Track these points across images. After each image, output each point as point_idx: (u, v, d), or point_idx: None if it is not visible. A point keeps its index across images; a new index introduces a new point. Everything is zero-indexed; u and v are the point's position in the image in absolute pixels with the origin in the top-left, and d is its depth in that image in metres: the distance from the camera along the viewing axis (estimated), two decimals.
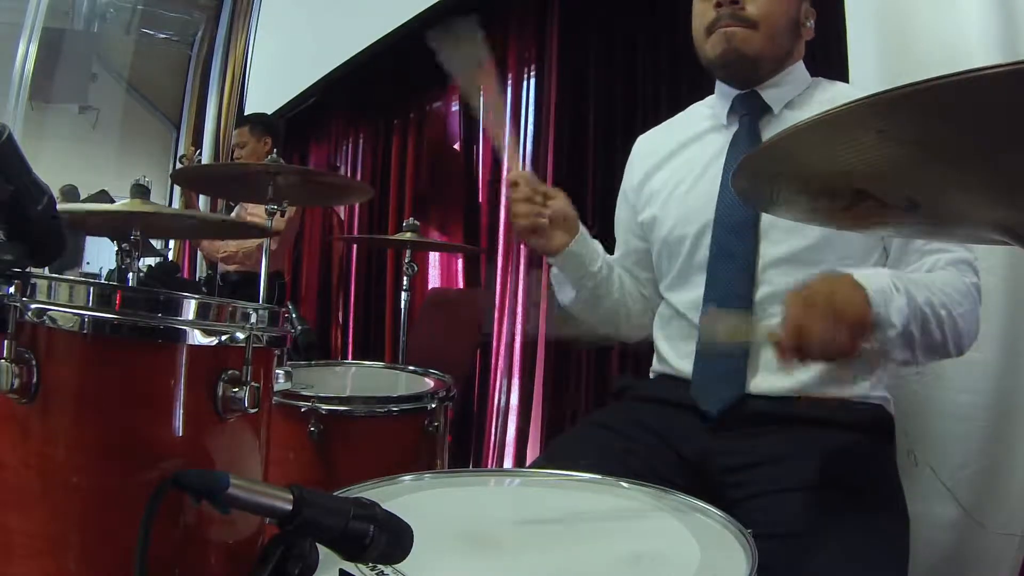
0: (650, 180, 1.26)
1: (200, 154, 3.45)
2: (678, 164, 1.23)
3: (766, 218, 1.08)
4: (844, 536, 0.88)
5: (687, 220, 1.17)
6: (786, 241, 1.07)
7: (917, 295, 0.92)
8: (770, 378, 1.06)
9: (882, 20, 1.39)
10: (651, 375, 1.25)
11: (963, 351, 0.99)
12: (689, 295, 1.16)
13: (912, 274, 0.99)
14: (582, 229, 1.21)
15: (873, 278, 0.90)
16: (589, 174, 2.59)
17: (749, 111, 1.16)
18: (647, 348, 1.27)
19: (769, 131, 1.14)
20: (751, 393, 1.06)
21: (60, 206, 0.78)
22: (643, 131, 1.36)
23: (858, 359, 0.88)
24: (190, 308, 0.76)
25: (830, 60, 1.36)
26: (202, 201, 4.89)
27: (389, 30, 3.48)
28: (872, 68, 1.38)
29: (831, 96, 1.15)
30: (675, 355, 1.17)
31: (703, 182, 1.16)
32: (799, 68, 1.18)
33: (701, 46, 1.16)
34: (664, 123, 1.33)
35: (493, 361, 3.02)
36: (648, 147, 1.31)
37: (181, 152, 6.99)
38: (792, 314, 0.85)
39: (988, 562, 1.26)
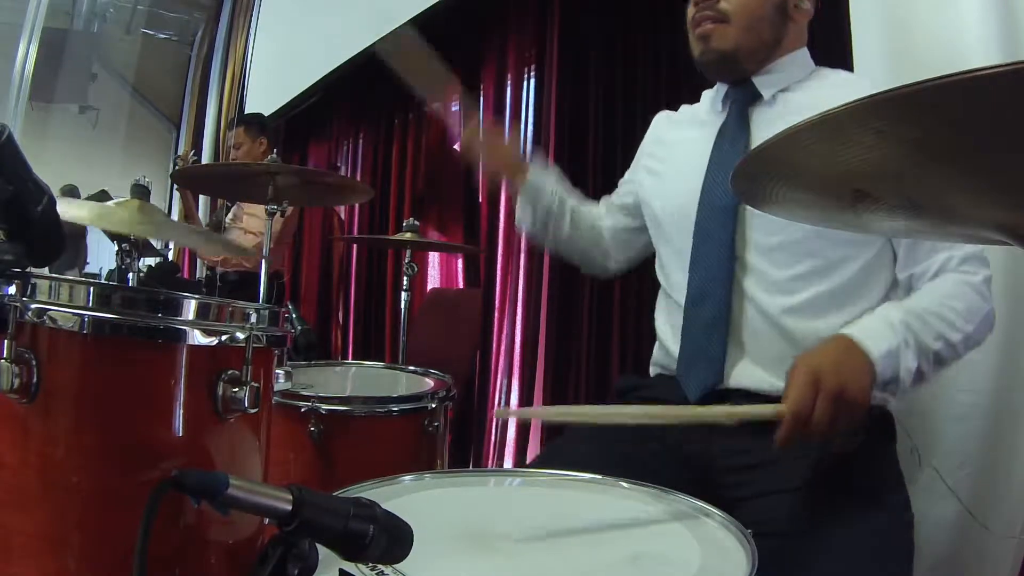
0: (650, 157, 1.30)
1: (195, 155, 3.45)
2: (674, 147, 1.26)
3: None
4: (846, 536, 0.88)
5: (674, 202, 1.19)
6: (780, 232, 1.07)
7: (926, 336, 0.93)
8: (757, 374, 1.06)
9: (885, 21, 1.39)
10: (651, 369, 1.25)
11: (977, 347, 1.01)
12: (675, 277, 1.18)
13: (921, 300, 0.98)
14: (535, 164, 1.34)
15: (882, 335, 0.91)
16: (589, 174, 2.59)
17: (740, 98, 1.16)
18: (648, 348, 1.27)
19: (760, 118, 1.14)
20: (737, 388, 1.06)
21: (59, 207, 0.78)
22: (643, 132, 1.37)
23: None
24: (190, 308, 0.76)
25: (833, 62, 1.36)
26: (202, 201, 4.88)
27: (389, 30, 3.47)
28: (876, 69, 1.38)
29: (831, 82, 1.14)
30: (671, 337, 1.18)
31: (693, 168, 1.17)
32: (800, 56, 1.16)
33: (691, 47, 1.18)
34: (683, 107, 1.34)
35: (493, 361, 3.02)
36: (661, 124, 1.35)
37: (179, 154, 6.98)
38: (795, 398, 0.85)
39: (988, 562, 1.26)
